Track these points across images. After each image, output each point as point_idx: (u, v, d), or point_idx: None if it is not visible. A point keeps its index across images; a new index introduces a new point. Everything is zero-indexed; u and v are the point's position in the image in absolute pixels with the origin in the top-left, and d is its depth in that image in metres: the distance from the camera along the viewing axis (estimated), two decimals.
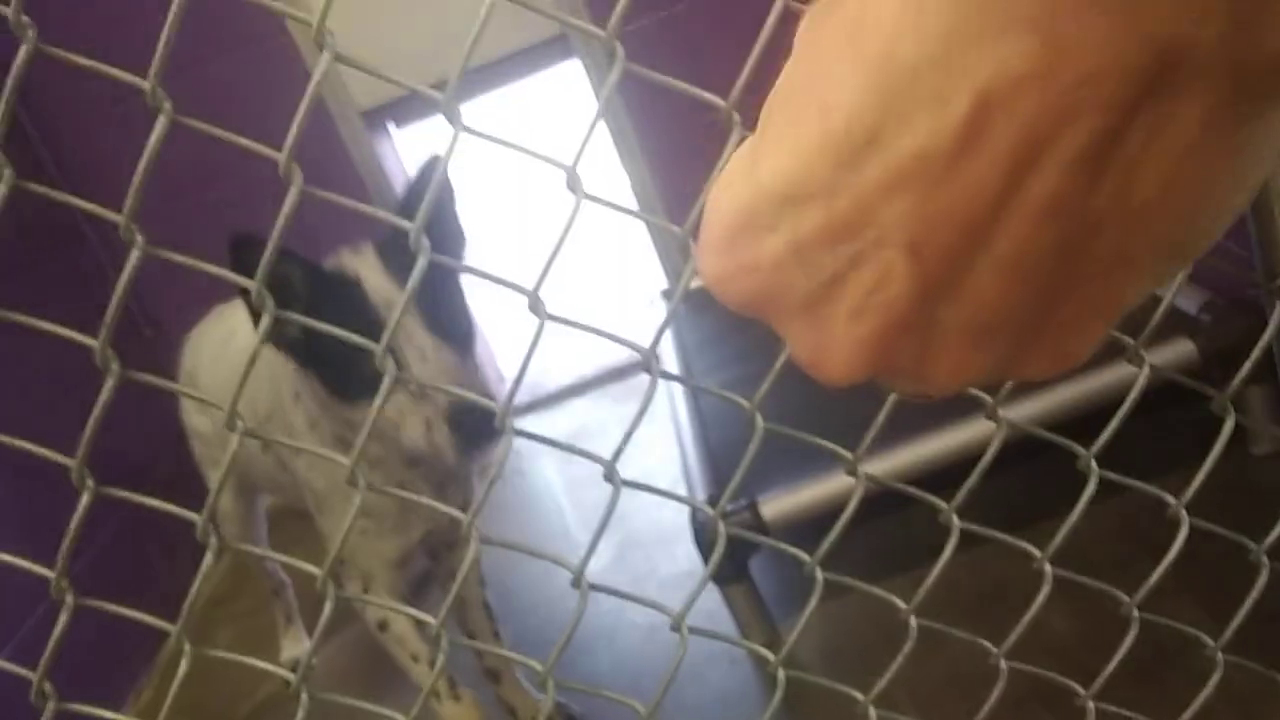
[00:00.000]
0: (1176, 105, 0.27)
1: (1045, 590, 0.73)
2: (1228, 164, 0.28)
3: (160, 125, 0.45)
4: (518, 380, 0.60)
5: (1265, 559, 0.75)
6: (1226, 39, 0.26)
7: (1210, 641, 0.79)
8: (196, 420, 2.11)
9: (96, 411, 0.52)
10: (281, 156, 0.46)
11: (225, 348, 1.90)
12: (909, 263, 0.30)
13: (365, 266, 1.45)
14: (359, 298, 1.41)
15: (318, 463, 1.64)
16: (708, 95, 0.48)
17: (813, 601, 0.70)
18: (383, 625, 1.70)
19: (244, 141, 0.48)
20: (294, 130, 0.45)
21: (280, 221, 0.47)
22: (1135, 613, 0.76)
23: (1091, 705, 0.79)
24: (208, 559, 0.59)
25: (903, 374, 0.34)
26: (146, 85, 0.45)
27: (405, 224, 0.49)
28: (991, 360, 0.32)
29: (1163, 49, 0.26)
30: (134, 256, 0.48)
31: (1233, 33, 0.26)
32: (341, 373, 1.45)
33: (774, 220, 0.31)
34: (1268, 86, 0.27)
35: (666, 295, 2.83)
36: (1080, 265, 0.30)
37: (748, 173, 0.32)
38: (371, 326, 1.37)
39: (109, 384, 0.51)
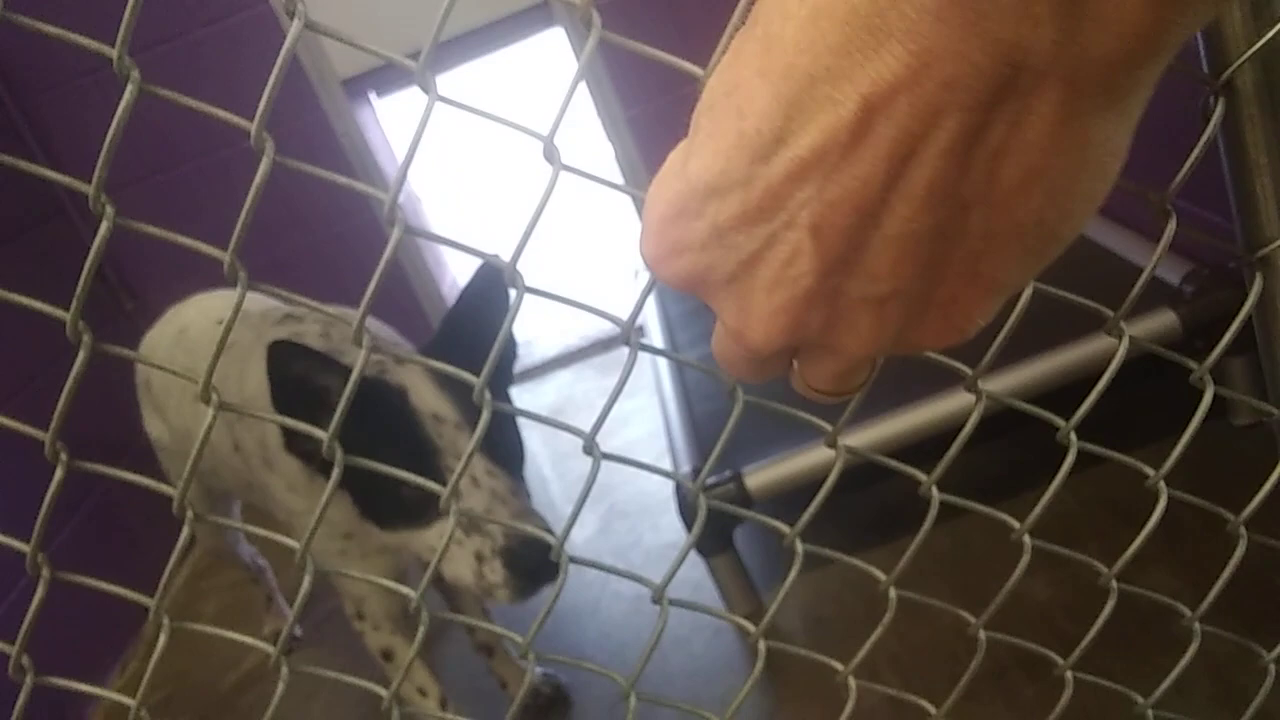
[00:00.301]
0: (1028, 103, 0.31)
1: (1025, 561, 0.73)
2: (1081, 156, 0.33)
3: (128, 94, 0.44)
4: (498, 353, 0.60)
5: (1243, 530, 0.76)
6: (1058, 44, 0.30)
7: (1188, 611, 0.79)
8: (156, 428, 2.02)
9: (69, 384, 0.51)
10: (253, 126, 0.45)
11: (178, 344, 1.85)
12: (813, 241, 0.34)
13: (412, 375, 1.29)
14: (405, 411, 1.25)
15: (296, 482, 1.48)
16: (686, 65, 0.47)
17: (792, 573, 0.70)
18: (387, 654, 1.60)
19: (215, 111, 0.47)
20: (265, 98, 0.44)
21: (252, 193, 0.46)
22: (1114, 583, 0.76)
23: (1070, 674, 0.80)
24: (184, 534, 0.59)
25: (813, 343, 0.38)
26: (113, 53, 0.44)
27: (380, 194, 0.49)
28: (889, 330, 0.37)
29: (1006, 54, 0.30)
30: (104, 228, 0.47)
31: (1062, 38, 0.30)
32: (379, 496, 1.27)
33: (700, 209, 0.36)
34: (1101, 85, 0.31)
35: None
36: (956, 244, 0.35)
37: (679, 169, 0.37)
38: (417, 443, 1.22)
39: (81, 356, 0.51)
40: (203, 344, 1.80)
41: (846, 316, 0.36)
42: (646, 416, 2.55)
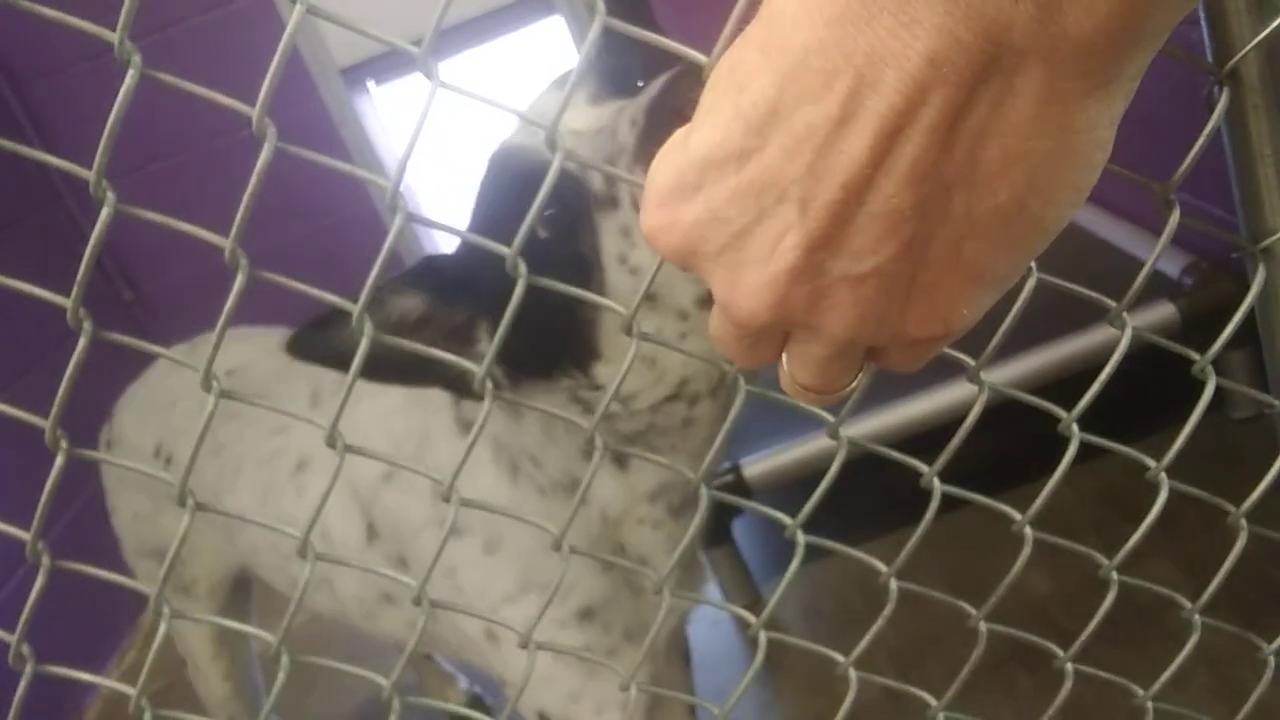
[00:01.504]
0: (1011, 84, 0.32)
1: (1025, 553, 0.73)
2: (1063, 142, 0.34)
3: (130, 78, 0.44)
4: (498, 344, 0.59)
5: (1244, 522, 0.75)
6: (1037, 22, 0.31)
7: (1188, 603, 0.79)
8: (123, 502, 1.59)
9: (70, 371, 0.51)
10: (255, 112, 0.45)
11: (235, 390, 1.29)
12: (801, 217, 0.35)
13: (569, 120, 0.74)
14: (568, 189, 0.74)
15: (498, 552, 0.98)
16: (690, 52, 0.47)
17: (794, 564, 0.70)
18: None
19: (215, 96, 0.47)
20: (267, 83, 0.44)
21: (254, 179, 0.46)
22: (1114, 575, 0.76)
23: (1070, 667, 0.80)
24: (185, 523, 0.58)
25: (799, 323, 0.39)
26: (114, 37, 0.43)
27: (382, 181, 0.49)
28: (870, 310, 0.37)
29: (987, 29, 0.31)
30: (105, 214, 0.47)
31: (1040, 16, 0.31)
32: (548, 342, 0.81)
33: (697, 181, 0.37)
34: (1081, 69, 0.32)
35: None
36: (938, 226, 0.35)
37: (681, 144, 0.38)
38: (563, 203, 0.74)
39: (81, 344, 0.50)
40: (277, 387, 1.28)
41: (830, 294, 0.37)
42: None
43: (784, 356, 0.42)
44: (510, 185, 0.77)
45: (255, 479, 1.26)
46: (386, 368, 0.69)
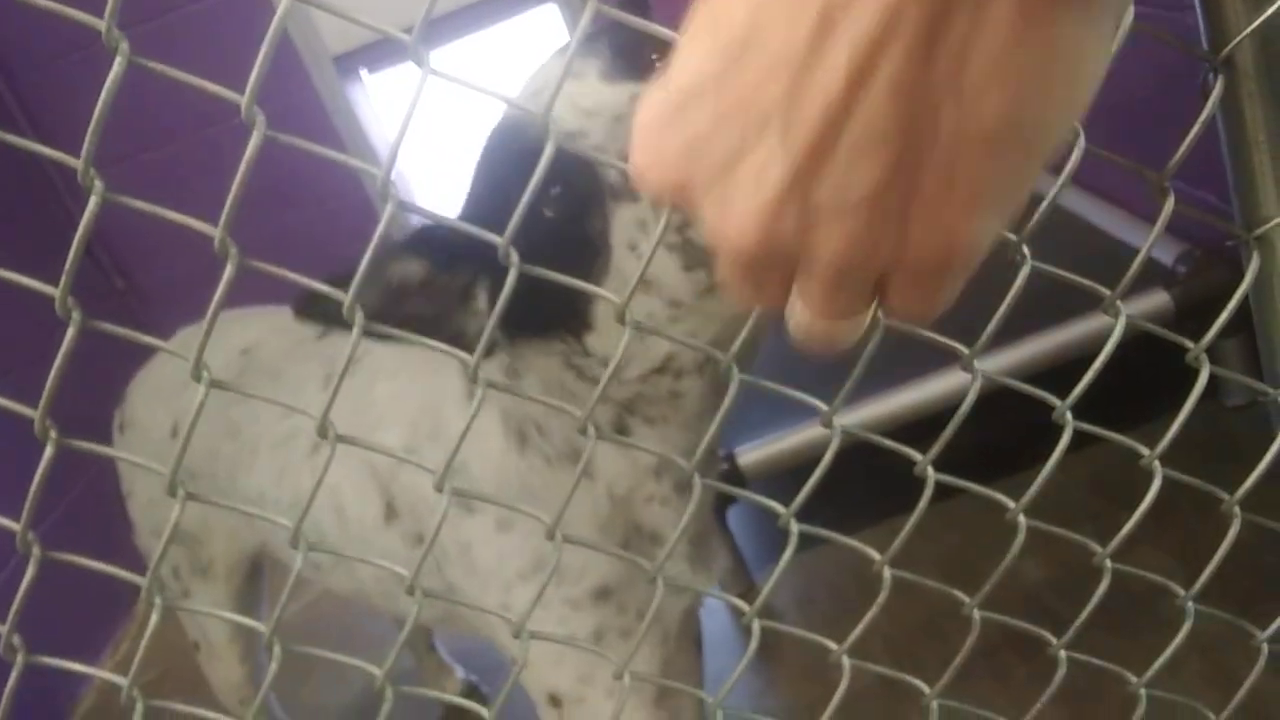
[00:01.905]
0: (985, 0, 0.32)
1: (1019, 541, 0.73)
2: (1048, 54, 0.33)
3: (117, 66, 0.43)
4: (491, 330, 0.59)
5: (1237, 509, 0.76)
6: None
7: (1182, 591, 0.80)
8: (139, 486, 1.53)
9: (59, 361, 0.51)
10: (244, 99, 0.45)
11: (247, 371, 1.33)
12: (783, 143, 0.35)
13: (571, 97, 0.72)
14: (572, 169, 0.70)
15: (512, 529, 0.96)
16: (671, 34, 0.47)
17: (787, 553, 0.70)
18: None
19: (206, 84, 0.46)
20: (256, 70, 0.44)
21: (243, 167, 0.45)
22: (1108, 563, 0.77)
23: (1063, 654, 0.80)
24: (175, 514, 0.58)
25: (793, 254, 0.38)
26: (102, 25, 0.43)
27: (373, 169, 0.48)
28: (862, 236, 0.37)
29: None
30: (93, 202, 0.47)
31: None
32: (542, 306, 0.76)
33: (679, 116, 0.37)
34: None
35: None
36: (926, 147, 0.35)
37: (663, 86, 0.38)
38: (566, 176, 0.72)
39: (70, 333, 0.50)
40: (290, 366, 1.26)
41: (820, 223, 0.37)
42: None
43: (790, 302, 0.41)
44: (513, 157, 0.76)
45: (271, 460, 1.25)
46: (391, 324, 0.67)
